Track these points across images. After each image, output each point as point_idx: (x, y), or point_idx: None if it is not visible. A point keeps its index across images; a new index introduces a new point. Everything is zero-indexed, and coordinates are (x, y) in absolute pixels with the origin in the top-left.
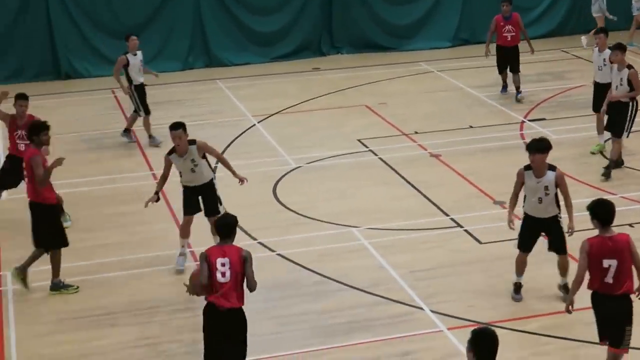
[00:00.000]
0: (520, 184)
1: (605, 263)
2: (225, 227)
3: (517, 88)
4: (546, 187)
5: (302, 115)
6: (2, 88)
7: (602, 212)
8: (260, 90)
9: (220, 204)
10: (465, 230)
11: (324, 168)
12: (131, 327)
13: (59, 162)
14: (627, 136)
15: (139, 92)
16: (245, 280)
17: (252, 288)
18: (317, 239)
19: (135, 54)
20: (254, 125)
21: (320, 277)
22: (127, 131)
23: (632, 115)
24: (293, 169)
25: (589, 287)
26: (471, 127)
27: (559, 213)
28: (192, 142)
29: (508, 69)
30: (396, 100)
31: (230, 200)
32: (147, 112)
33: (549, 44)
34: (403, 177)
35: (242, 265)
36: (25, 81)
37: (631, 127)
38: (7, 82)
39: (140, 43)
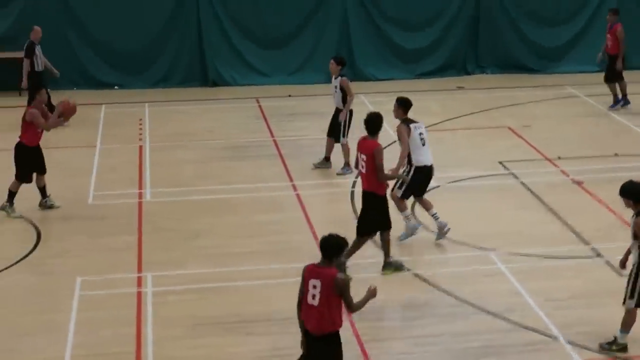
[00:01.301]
0: None
1: None
2: (328, 247)
3: (623, 96)
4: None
5: (444, 134)
6: (150, 92)
7: None
8: None
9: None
10: (607, 262)
11: (463, 189)
12: (266, 336)
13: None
14: None
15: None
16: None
17: (351, 311)
18: (454, 260)
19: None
20: (395, 142)
21: (455, 300)
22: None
23: None
24: (433, 188)
25: None
26: (616, 155)
27: None
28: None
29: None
30: (540, 123)
31: None
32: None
33: None
34: (544, 203)
35: (334, 291)
36: (172, 86)
37: None
38: (156, 86)
39: (287, 54)
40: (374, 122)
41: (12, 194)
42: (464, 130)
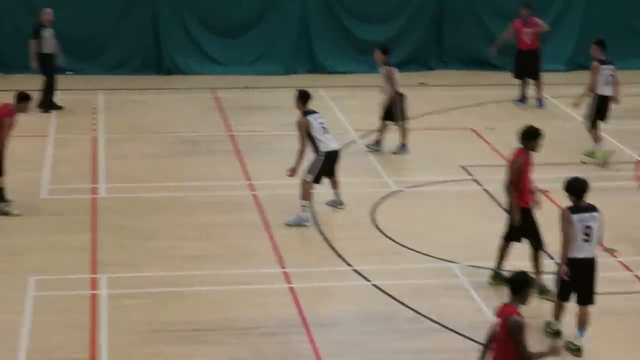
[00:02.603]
0: None
1: None
2: (513, 282)
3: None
4: None
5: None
6: (104, 79)
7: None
8: (363, 103)
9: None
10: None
11: (424, 194)
12: (222, 346)
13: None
14: None
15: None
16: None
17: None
18: (415, 271)
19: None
20: (354, 141)
21: (414, 314)
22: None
23: None
24: (393, 192)
25: None
26: (583, 163)
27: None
28: None
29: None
30: (504, 125)
31: (325, 220)
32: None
33: None
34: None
35: (506, 335)
36: (126, 74)
37: None
38: (109, 73)
39: (244, 44)
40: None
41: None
42: (425, 130)
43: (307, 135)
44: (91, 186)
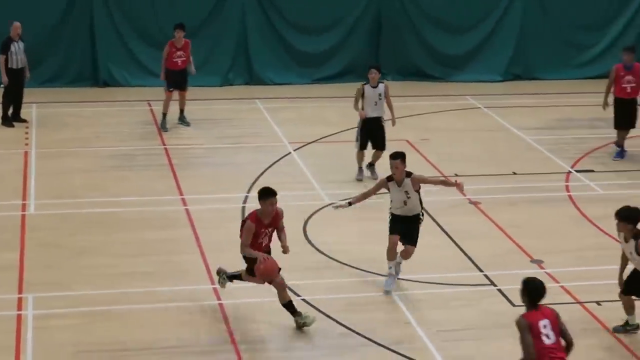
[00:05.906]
0: None
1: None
2: (540, 290)
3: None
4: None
5: (340, 146)
6: (38, 92)
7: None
8: (299, 115)
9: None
10: (499, 290)
11: (356, 207)
12: None
13: None
14: None
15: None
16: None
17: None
18: (345, 285)
19: (373, 87)
20: (290, 153)
21: (344, 329)
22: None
23: None
24: (326, 206)
25: None
26: (514, 173)
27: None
28: (409, 174)
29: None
30: (439, 136)
31: None
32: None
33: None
34: (439, 225)
35: (558, 323)
36: (62, 86)
37: None
38: (44, 85)
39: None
40: None
41: None
42: None
43: None
44: (21, 203)
